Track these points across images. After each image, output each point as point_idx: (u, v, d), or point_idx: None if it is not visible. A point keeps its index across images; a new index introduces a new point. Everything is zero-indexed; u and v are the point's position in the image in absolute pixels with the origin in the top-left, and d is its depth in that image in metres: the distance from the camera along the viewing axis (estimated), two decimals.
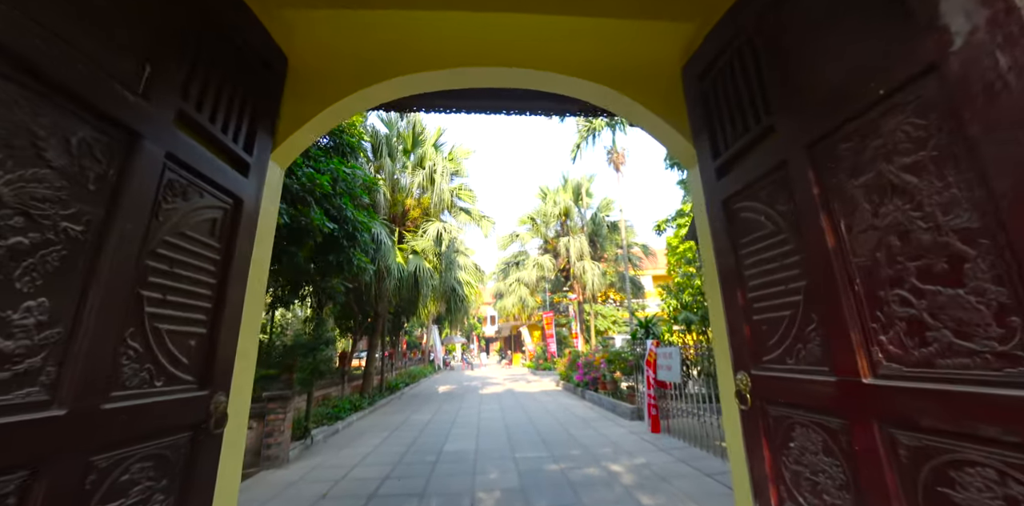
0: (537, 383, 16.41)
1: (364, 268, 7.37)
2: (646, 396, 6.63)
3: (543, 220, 15.59)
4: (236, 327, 1.79)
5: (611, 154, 11.99)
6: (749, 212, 1.91)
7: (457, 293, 10.28)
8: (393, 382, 14.46)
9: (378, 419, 8.57)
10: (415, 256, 9.59)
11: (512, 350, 37.87)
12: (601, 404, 9.20)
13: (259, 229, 2.06)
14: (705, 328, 9.30)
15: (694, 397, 5.75)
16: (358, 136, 7.49)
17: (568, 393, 12.39)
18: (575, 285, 15.04)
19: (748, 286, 1.88)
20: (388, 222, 9.85)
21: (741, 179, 1.97)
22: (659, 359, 6.27)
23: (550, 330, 22.27)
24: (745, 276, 1.90)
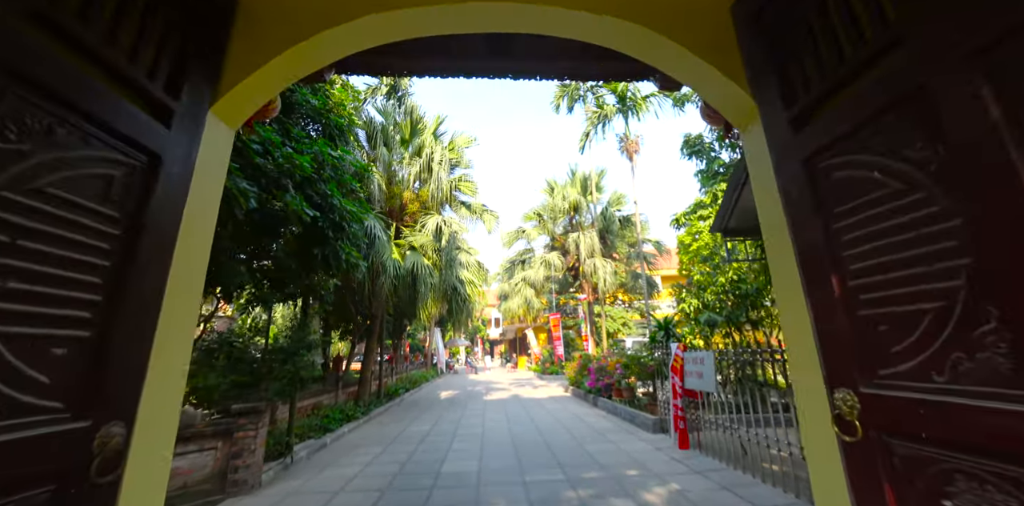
0: (544, 388, 15.98)
1: (355, 264, 6.96)
2: (672, 406, 6.17)
3: (550, 216, 15.09)
4: (147, 329, 1.35)
5: (624, 142, 11.50)
6: (849, 169, 1.46)
7: (459, 293, 9.86)
8: (393, 388, 14.09)
9: (372, 430, 8.17)
10: (413, 252, 9.17)
11: (517, 353, 37.47)
12: (617, 413, 8.74)
13: (191, 199, 1.63)
14: (731, 330, 8.83)
15: (725, 407, 5.28)
16: (347, 117, 7.07)
17: (578, 400, 11.94)
18: (584, 285, 14.55)
19: (849, 270, 1.43)
20: (384, 216, 9.45)
21: (833, 128, 1.52)
22: (687, 365, 5.81)
23: (557, 332, 21.83)
24: (843, 257, 1.46)
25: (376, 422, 9.15)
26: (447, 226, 9.50)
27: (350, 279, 8.26)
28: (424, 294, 8.58)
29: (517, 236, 16.15)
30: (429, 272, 8.82)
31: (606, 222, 13.74)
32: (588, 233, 13.65)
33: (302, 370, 5.18)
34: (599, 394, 10.44)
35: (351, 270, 7.05)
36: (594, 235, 13.43)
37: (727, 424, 5.21)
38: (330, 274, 6.56)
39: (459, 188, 10.44)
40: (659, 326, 8.48)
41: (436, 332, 26.03)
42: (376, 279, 8.42)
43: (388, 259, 8.50)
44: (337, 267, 6.61)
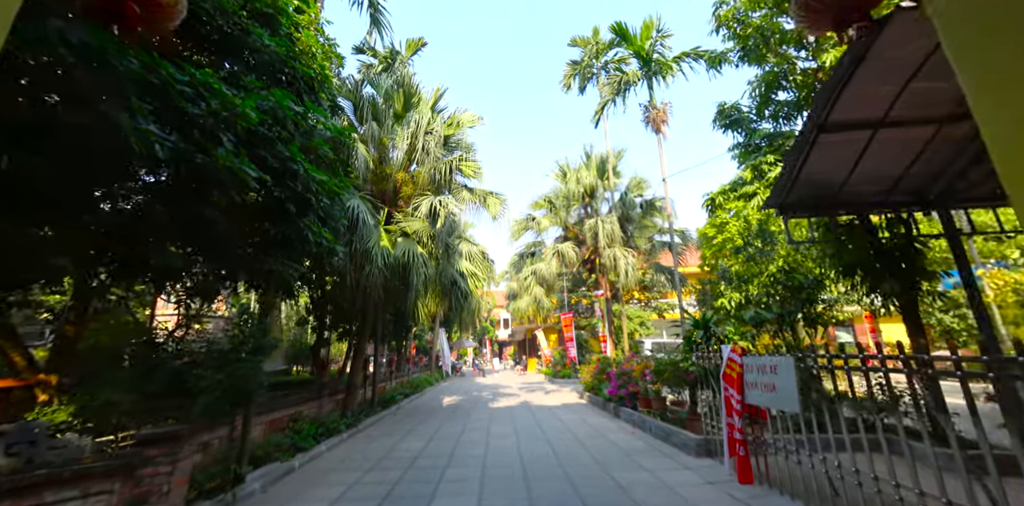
0: (556, 394, 14.62)
1: (330, 249, 5.71)
2: (725, 426, 4.80)
3: (562, 203, 13.69)
4: None
5: (649, 112, 10.10)
6: None
7: (459, 287, 8.57)
8: (390, 393, 12.85)
9: (355, 448, 6.91)
10: (405, 239, 7.91)
11: (527, 355, 36.10)
12: (645, 428, 7.37)
13: None
14: (781, 329, 7.40)
15: (789, 424, 3.90)
16: (318, 69, 5.83)
17: (596, 409, 10.58)
18: (600, 280, 13.13)
19: None
20: (371, 197, 8.21)
21: None
22: (749, 374, 4.45)
23: (569, 333, 20.44)
24: None
25: (363, 436, 7.88)
26: (443, 207, 8.22)
27: (323, 264, 7.02)
28: (417, 286, 7.30)
29: (526, 226, 14.71)
30: (424, 262, 7.55)
31: (625, 209, 12.32)
32: (609, 218, 12.20)
33: (241, 379, 3.92)
34: (621, 403, 9.08)
35: (324, 256, 5.80)
36: (614, 221, 11.99)
37: (795, 448, 3.85)
38: (295, 259, 5.30)
39: (460, 169, 9.17)
40: (696, 324, 7.10)
41: (440, 333, 24.79)
42: (361, 269, 7.17)
43: (375, 246, 7.25)
44: (303, 250, 5.36)
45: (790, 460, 4.10)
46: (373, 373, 10.94)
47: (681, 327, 7.67)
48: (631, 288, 13.41)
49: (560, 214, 13.48)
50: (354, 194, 7.68)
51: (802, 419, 3.81)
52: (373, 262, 7.12)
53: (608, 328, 12.35)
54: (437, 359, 25.50)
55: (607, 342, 12.22)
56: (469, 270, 9.24)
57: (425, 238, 8.22)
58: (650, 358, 8.81)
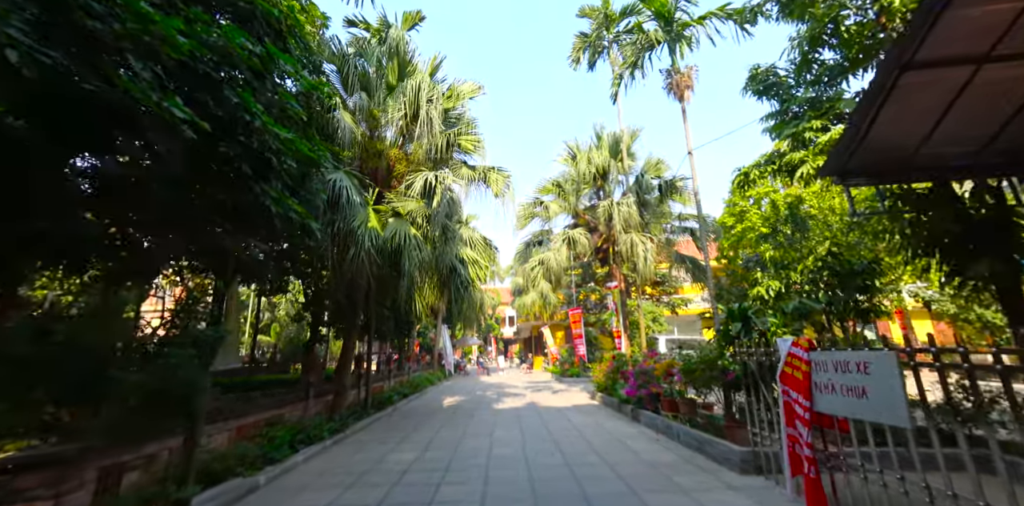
0: (565, 394, 13.71)
1: (303, 226, 4.82)
2: (785, 438, 3.85)
3: (572, 187, 12.69)
4: None
5: (671, 77, 9.08)
6: None
7: (460, 275, 7.65)
8: (387, 394, 12.00)
9: (338, 458, 6.03)
10: (397, 220, 7.00)
11: (533, 353, 35.21)
12: (671, 434, 6.44)
13: None
14: (830, 321, 6.43)
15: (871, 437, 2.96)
16: (286, 13, 4.91)
17: (611, 411, 9.65)
18: (614, 271, 12.13)
19: None
20: (359, 174, 7.29)
21: None
22: (820, 374, 3.51)
23: (578, 330, 19.50)
24: None
25: (350, 443, 7.01)
26: (440, 183, 7.28)
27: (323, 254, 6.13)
28: (410, 271, 6.38)
29: (532, 213, 13.60)
30: (417, 244, 6.63)
31: (641, 192, 11.34)
32: (625, 200, 11.15)
33: (168, 381, 3.04)
34: (640, 405, 8.14)
35: (294, 233, 4.90)
36: (631, 203, 10.94)
37: (879, 467, 2.91)
38: (258, 235, 4.41)
39: (459, 144, 8.24)
40: (732, 315, 6.13)
41: (443, 330, 23.95)
42: (346, 253, 6.28)
43: (362, 227, 6.35)
44: (267, 225, 4.46)
45: (872, 481, 3.17)
46: (367, 372, 10.08)
47: (714, 318, 6.70)
48: (649, 278, 12.37)
49: (570, 199, 12.45)
50: (339, 169, 6.79)
51: (910, 434, 2.86)
52: (359, 244, 6.22)
53: (623, 323, 11.38)
54: (440, 357, 24.66)
55: (622, 338, 11.27)
56: (470, 257, 8.35)
57: (420, 219, 7.32)
58: (675, 355, 7.86)
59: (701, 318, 28.40)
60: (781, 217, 10.86)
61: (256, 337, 17.08)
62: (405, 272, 6.35)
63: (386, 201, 7.53)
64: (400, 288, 6.33)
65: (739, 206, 16.52)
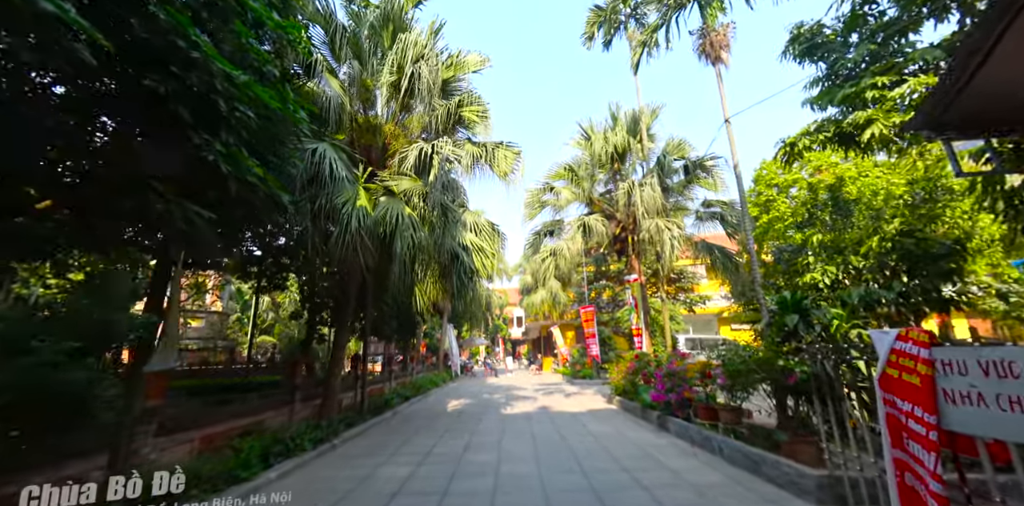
0: (578, 397, 12.74)
1: (269, 196, 3.96)
2: (891, 463, 2.89)
3: (586, 172, 11.65)
4: None
5: (705, 37, 8.07)
6: None
7: (463, 263, 6.73)
8: (388, 396, 11.14)
9: (317, 475, 5.14)
10: (390, 199, 6.11)
11: (542, 353, 34.21)
12: (711, 448, 5.47)
13: None
14: (901, 312, 5.40)
15: None
16: None
17: (632, 417, 8.68)
18: (634, 262, 11.11)
19: None
20: (349, 149, 6.42)
21: None
22: (951, 379, 2.53)
23: (591, 329, 18.49)
24: None
25: (336, 457, 6.13)
26: (437, 155, 6.35)
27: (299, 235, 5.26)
28: (402, 255, 5.47)
29: (541, 201, 12.39)
30: (412, 224, 5.72)
31: (662, 175, 10.29)
32: (648, 181, 10.07)
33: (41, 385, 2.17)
34: (668, 412, 7.17)
35: (257, 204, 4.03)
36: (654, 184, 9.86)
37: None
38: (202, 201, 3.53)
39: (461, 116, 7.34)
40: (785, 306, 5.15)
41: (449, 329, 23.09)
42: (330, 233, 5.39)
43: (349, 205, 5.48)
44: (217, 189, 3.59)
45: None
46: (363, 373, 9.22)
47: (763, 310, 5.71)
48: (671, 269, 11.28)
49: (583, 185, 11.44)
50: (323, 140, 5.93)
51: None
52: (343, 225, 5.34)
53: (643, 320, 10.38)
54: (445, 358, 23.80)
55: (642, 336, 10.27)
56: (475, 244, 7.45)
57: (415, 198, 6.42)
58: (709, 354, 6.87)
59: (717, 317, 27.28)
60: (819, 202, 9.80)
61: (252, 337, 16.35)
62: (398, 256, 5.45)
63: (379, 180, 6.66)
64: (392, 274, 5.42)
65: (764, 195, 15.44)
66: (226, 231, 4.03)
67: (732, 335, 24.57)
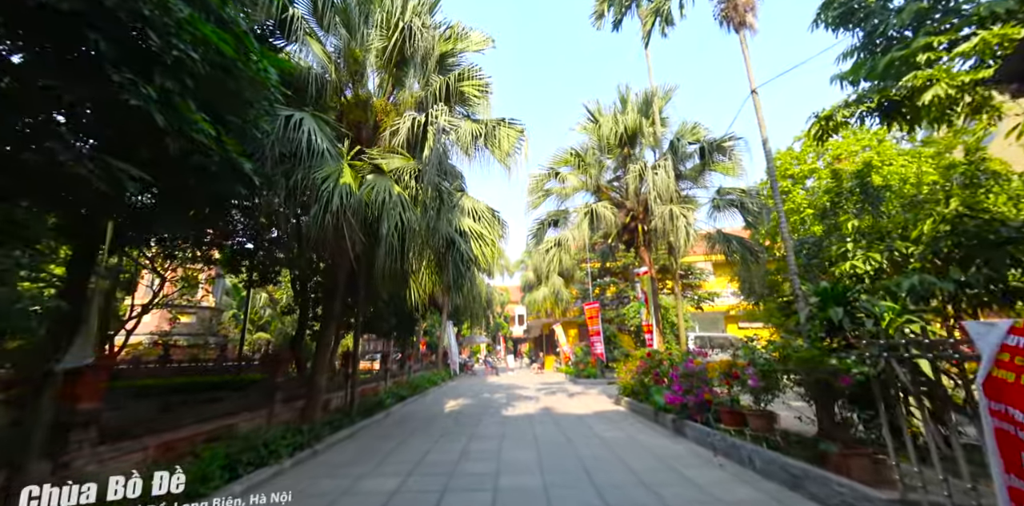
0: (583, 398, 12.12)
1: (228, 161, 3.35)
2: (1002, 488, 2.24)
3: (593, 158, 10.91)
4: None
5: (727, 1, 7.38)
6: None
7: (460, 250, 6.09)
8: (381, 397, 10.53)
9: (292, 488, 4.51)
10: (378, 176, 5.47)
11: (544, 352, 33.59)
12: (740, 458, 4.84)
13: None
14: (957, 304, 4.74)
15: None
16: None
17: (643, 420, 8.05)
18: (643, 254, 10.44)
19: None
20: (335, 122, 5.79)
21: None
22: None
23: (596, 326, 17.87)
24: None
25: (317, 465, 5.51)
26: (431, 125, 5.70)
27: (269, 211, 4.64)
28: (389, 237, 4.82)
29: (546, 191, 11.73)
30: (402, 203, 5.08)
31: (676, 159, 9.57)
32: (662, 163, 9.33)
33: None
34: (685, 415, 6.54)
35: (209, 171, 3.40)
36: (668, 167, 9.13)
37: None
38: (135, 160, 2.90)
39: (461, 92, 6.69)
40: (825, 296, 4.51)
41: (448, 326, 22.48)
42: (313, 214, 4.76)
43: (331, 181, 4.85)
44: (153, 140, 2.96)
45: None
46: (353, 371, 8.61)
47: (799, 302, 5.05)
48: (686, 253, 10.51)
49: (591, 172, 10.73)
50: (305, 110, 5.29)
51: None
52: (323, 203, 4.71)
53: (654, 316, 9.73)
54: (445, 356, 23.20)
55: (653, 333, 9.63)
56: (474, 230, 6.81)
57: (406, 176, 5.78)
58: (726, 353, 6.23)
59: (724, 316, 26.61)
60: (845, 190, 9.12)
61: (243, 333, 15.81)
62: (384, 238, 4.81)
63: (367, 158, 6.02)
64: (377, 259, 4.78)
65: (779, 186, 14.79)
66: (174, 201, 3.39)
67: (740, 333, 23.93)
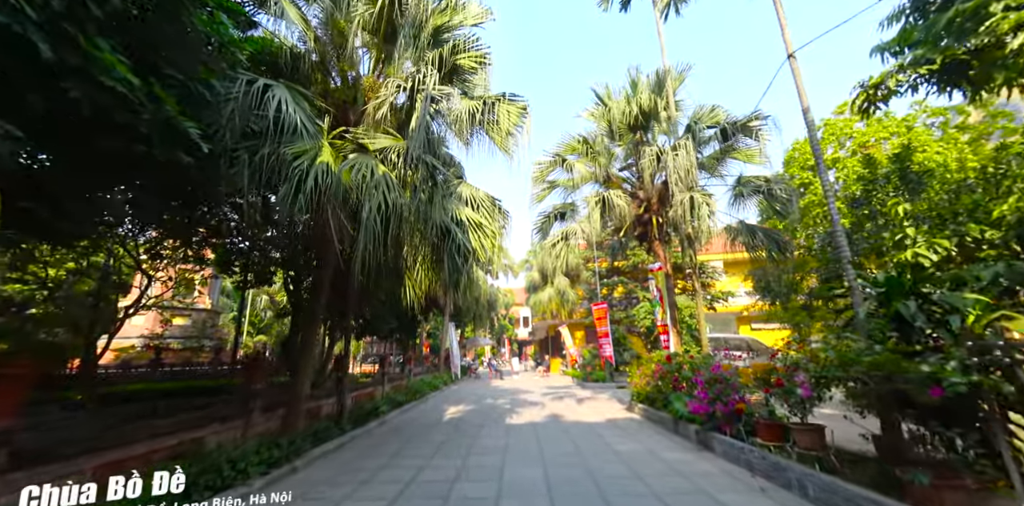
0: (592, 403, 11.39)
1: (166, 122, 2.70)
2: None
3: (602, 146, 10.06)
4: None
5: None
6: None
7: (456, 240, 5.40)
8: (376, 403, 9.85)
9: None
10: (360, 154, 4.80)
11: (550, 354, 32.82)
12: (787, 482, 4.11)
13: None
14: None
15: None
16: None
17: (661, 430, 7.32)
18: (658, 249, 9.66)
19: None
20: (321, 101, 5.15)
21: None
22: None
23: (604, 327, 17.14)
24: None
25: (294, 484, 4.83)
26: (420, 92, 5.02)
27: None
28: (370, 221, 4.14)
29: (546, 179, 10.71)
30: (387, 183, 4.40)
31: (694, 143, 8.76)
32: (683, 143, 8.48)
33: None
34: (711, 427, 5.80)
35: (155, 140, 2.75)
36: (689, 148, 8.27)
37: None
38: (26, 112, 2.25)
39: (457, 66, 6.02)
40: (892, 286, 3.78)
41: (450, 327, 21.80)
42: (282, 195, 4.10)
43: (306, 160, 4.20)
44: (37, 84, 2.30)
45: None
46: (344, 375, 7.96)
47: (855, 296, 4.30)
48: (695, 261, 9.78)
49: (600, 161, 9.96)
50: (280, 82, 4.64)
51: None
52: (294, 182, 4.05)
53: (670, 315, 8.96)
54: (447, 358, 22.51)
55: (669, 334, 8.87)
56: (472, 219, 6.11)
57: (393, 155, 5.11)
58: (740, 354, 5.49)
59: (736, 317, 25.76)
60: (879, 176, 8.36)
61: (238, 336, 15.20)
62: (364, 222, 4.13)
63: (351, 136, 5.35)
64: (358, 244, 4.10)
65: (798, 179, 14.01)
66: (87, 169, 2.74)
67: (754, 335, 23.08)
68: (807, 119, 4.89)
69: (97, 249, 10.32)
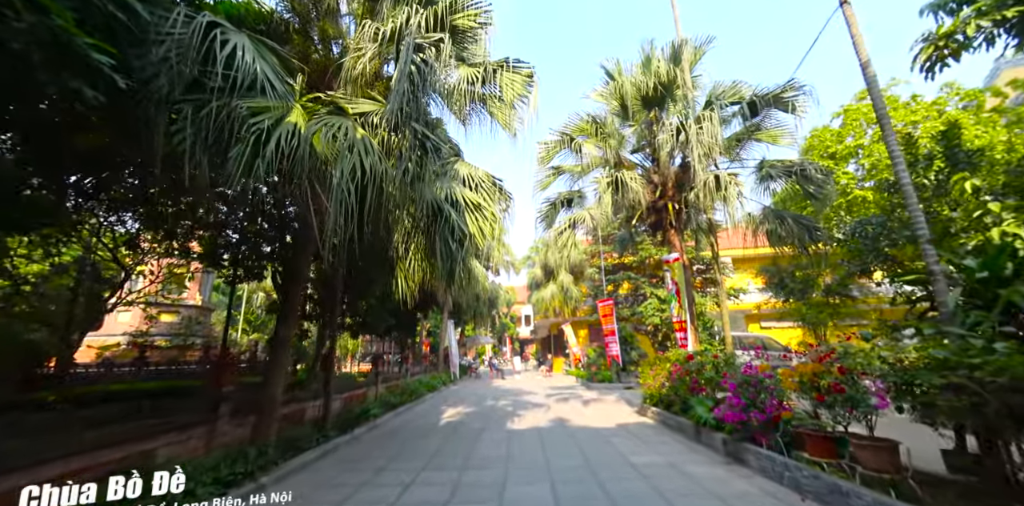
0: (599, 406, 10.66)
1: (53, 38, 1.93)
2: None
3: (612, 127, 9.23)
4: None
5: None
6: None
7: (449, 221, 4.66)
8: (367, 406, 9.14)
9: None
10: (335, 115, 4.07)
11: (552, 353, 32.07)
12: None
13: None
14: None
15: None
16: None
17: (680, 438, 6.57)
18: (673, 238, 8.87)
19: None
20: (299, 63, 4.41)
21: None
22: None
23: (610, 325, 16.40)
24: None
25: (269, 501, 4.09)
26: (402, 43, 4.26)
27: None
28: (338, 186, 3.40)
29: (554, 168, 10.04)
30: (364, 148, 3.67)
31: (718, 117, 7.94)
32: (707, 115, 7.53)
33: None
34: (743, 437, 5.06)
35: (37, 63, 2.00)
36: (714, 119, 7.34)
37: None
38: None
39: (455, 27, 5.28)
40: (993, 270, 3.03)
41: (449, 325, 21.08)
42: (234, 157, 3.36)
43: (268, 119, 3.47)
44: None
45: None
46: (328, 376, 7.24)
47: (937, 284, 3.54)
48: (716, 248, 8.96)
49: (610, 143, 9.13)
50: (242, 32, 3.89)
51: None
52: (248, 141, 3.32)
53: (688, 311, 8.19)
54: (447, 357, 21.79)
55: (687, 332, 8.12)
56: (470, 200, 5.38)
57: (376, 119, 4.38)
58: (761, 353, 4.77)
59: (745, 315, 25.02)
60: (920, 157, 7.59)
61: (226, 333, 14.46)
62: (334, 188, 3.40)
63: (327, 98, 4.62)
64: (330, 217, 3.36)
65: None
66: None
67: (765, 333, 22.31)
68: (866, 74, 4.14)
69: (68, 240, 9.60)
